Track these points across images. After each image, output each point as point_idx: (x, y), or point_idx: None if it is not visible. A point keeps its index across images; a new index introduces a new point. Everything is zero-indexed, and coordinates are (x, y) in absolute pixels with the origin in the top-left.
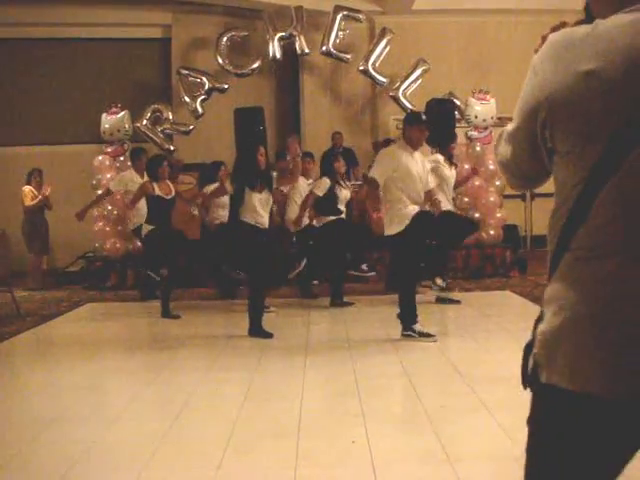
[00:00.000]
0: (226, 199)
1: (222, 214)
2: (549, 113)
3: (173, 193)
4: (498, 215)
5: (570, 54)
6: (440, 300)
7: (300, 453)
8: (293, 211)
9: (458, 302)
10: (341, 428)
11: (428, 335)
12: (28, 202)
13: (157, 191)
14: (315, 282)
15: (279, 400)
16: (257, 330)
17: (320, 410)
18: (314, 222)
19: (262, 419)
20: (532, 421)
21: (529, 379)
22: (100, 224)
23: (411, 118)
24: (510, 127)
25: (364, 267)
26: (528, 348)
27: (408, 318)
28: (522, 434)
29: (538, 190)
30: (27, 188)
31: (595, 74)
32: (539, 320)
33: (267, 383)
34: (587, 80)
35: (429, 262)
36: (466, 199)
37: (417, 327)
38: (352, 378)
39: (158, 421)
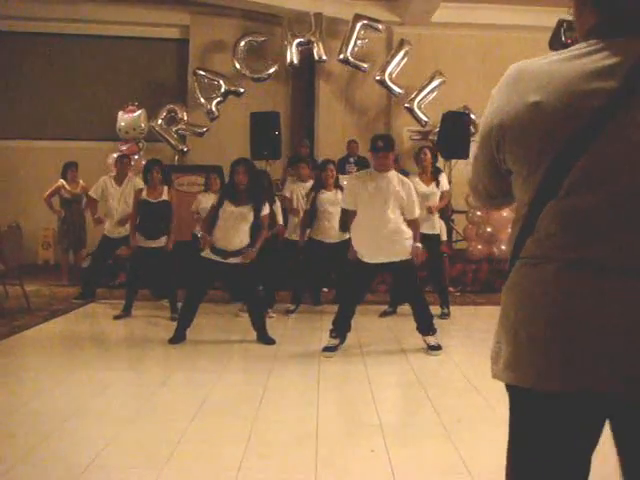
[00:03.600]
0: None
1: None
2: (501, 138)
3: (163, 197)
4: (509, 230)
5: (520, 86)
6: None
7: (320, 460)
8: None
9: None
10: (359, 437)
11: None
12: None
13: (144, 195)
14: (325, 289)
15: (295, 406)
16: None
17: (337, 418)
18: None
19: (279, 424)
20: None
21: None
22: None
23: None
24: (474, 151)
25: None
26: None
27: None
28: None
29: None
30: (60, 182)
31: (539, 106)
32: None
33: (282, 388)
34: (532, 111)
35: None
36: (479, 213)
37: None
38: (367, 387)
39: (175, 421)
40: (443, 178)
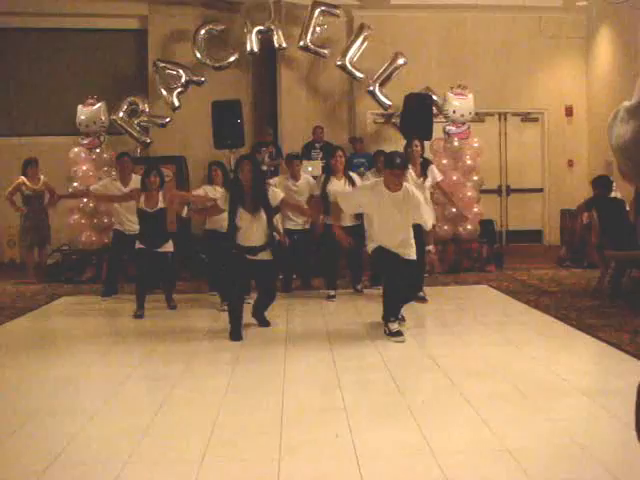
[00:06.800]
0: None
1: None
2: None
3: (159, 206)
4: (475, 210)
5: None
6: None
7: (284, 447)
8: None
9: None
10: (324, 422)
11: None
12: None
13: (142, 202)
14: (294, 277)
15: (260, 394)
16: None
17: (302, 403)
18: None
19: (244, 413)
20: None
21: None
22: (75, 217)
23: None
24: (630, 103)
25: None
26: None
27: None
28: (504, 427)
29: (514, 185)
30: (21, 179)
31: None
32: None
33: (248, 377)
34: None
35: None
36: None
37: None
38: (333, 372)
39: (139, 415)
40: (433, 170)
